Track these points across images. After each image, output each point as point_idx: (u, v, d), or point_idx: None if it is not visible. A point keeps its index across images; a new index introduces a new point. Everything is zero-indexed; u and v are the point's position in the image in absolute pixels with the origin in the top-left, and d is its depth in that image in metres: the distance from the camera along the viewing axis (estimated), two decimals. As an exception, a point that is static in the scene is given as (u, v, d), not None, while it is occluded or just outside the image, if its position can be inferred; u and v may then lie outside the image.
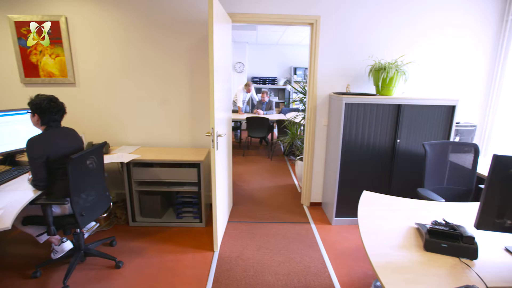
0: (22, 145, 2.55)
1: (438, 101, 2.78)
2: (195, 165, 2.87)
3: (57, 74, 3.13)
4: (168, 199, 3.26)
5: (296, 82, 7.67)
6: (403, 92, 3.21)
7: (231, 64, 3.28)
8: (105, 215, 2.67)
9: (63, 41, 3.04)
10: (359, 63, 3.15)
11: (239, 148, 6.27)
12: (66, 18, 3.01)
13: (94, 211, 2.23)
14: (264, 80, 8.18)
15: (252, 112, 6.36)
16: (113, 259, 2.37)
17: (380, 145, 2.91)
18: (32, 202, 1.92)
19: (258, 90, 7.74)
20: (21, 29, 3.03)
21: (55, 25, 3.01)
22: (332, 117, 3.11)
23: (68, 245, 2.28)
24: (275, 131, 6.94)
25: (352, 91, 3.21)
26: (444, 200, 2.00)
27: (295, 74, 8.10)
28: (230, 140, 3.21)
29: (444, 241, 1.30)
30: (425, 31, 3.10)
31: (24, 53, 3.09)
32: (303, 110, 4.94)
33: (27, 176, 2.24)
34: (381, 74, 2.82)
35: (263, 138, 6.30)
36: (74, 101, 3.18)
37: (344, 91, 3.19)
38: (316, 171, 3.44)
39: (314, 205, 3.53)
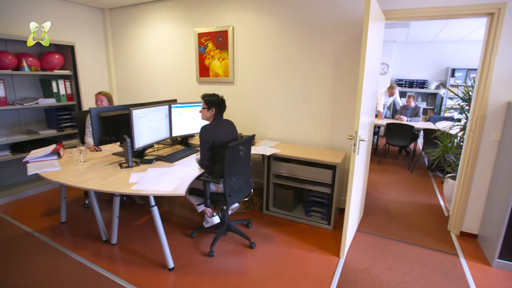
0: (193, 130, 3.20)
1: None
2: (330, 167, 2.87)
3: (221, 74, 3.76)
4: (299, 195, 3.39)
5: (454, 85, 6.45)
6: None
7: (379, 66, 3.08)
8: (245, 199, 3.04)
9: (229, 46, 3.61)
10: None
11: (374, 155, 5.84)
12: (233, 28, 3.56)
13: (239, 194, 2.57)
14: (411, 83, 7.28)
15: (393, 118, 5.79)
16: (248, 239, 2.67)
17: None
18: (197, 178, 2.39)
19: (402, 94, 6.96)
20: (201, 39, 3.79)
21: (224, 33, 3.61)
22: (509, 131, 2.47)
23: (216, 219, 2.72)
24: (420, 141, 6.09)
25: (547, 99, 2.44)
26: None
27: (453, 76, 6.83)
28: (370, 146, 3.04)
29: None
30: None
31: (201, 58, 3.85)
32: (459, 120, 4.14)
33: (195, 156, 2.80)
34: None
35: (403, 148, 5.64)
36: (231, 97, 3.71)
37: (534, 99, 2.47)
38: (474, 194, 2.81)
39: (466, 236, 2.90)
